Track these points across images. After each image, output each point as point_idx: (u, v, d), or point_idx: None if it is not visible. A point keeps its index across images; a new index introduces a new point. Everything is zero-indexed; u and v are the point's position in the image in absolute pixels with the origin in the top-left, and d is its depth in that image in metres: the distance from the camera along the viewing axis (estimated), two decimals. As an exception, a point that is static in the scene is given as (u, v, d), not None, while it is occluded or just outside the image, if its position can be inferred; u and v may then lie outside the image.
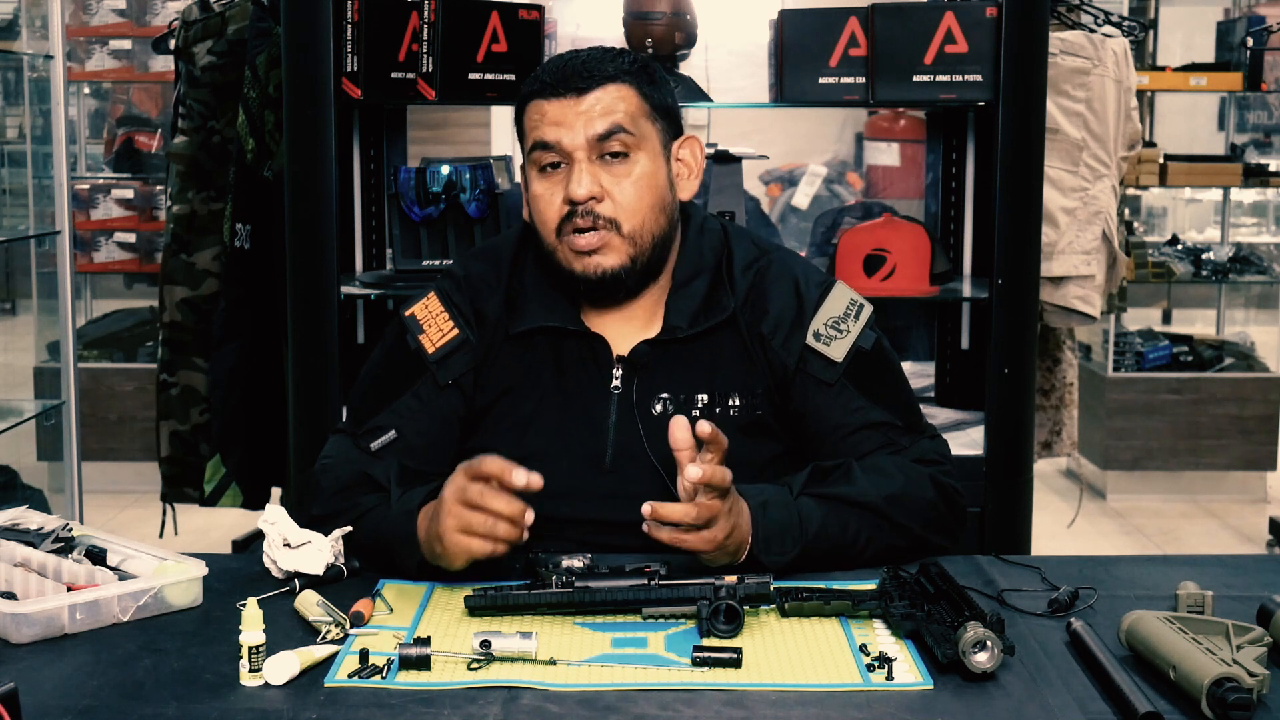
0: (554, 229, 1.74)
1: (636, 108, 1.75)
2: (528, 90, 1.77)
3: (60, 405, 3.61)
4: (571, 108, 1.72)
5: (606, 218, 1.72)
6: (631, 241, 1.74)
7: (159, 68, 5.11)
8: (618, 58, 1.77)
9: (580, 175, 1.71)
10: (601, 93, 1.73)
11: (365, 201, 3.10)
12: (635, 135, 1.74)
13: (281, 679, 1.35)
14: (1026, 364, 2.80)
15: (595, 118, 1.72)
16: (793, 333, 1.81)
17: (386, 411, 1.81)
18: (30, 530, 1.70)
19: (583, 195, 1.71)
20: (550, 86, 1.74)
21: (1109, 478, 5.31)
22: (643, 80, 1.77)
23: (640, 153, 1.74)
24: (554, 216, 1.74)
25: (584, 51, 1.78)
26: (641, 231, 1.74)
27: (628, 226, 1.73)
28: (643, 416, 1.78)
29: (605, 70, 1.74)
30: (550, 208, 1.74)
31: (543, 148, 1.74)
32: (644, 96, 1.76)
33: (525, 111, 1.77)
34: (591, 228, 1.72)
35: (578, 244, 1.73)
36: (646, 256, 1.76)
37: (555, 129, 1.73)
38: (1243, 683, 1.26)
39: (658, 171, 1.77)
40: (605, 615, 1.52)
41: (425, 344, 1.82)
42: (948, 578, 1.49)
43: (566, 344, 1.80)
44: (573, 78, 1.73)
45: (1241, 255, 5.47)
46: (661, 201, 1.77)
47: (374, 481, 1.72)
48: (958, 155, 3.12)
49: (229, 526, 4.32)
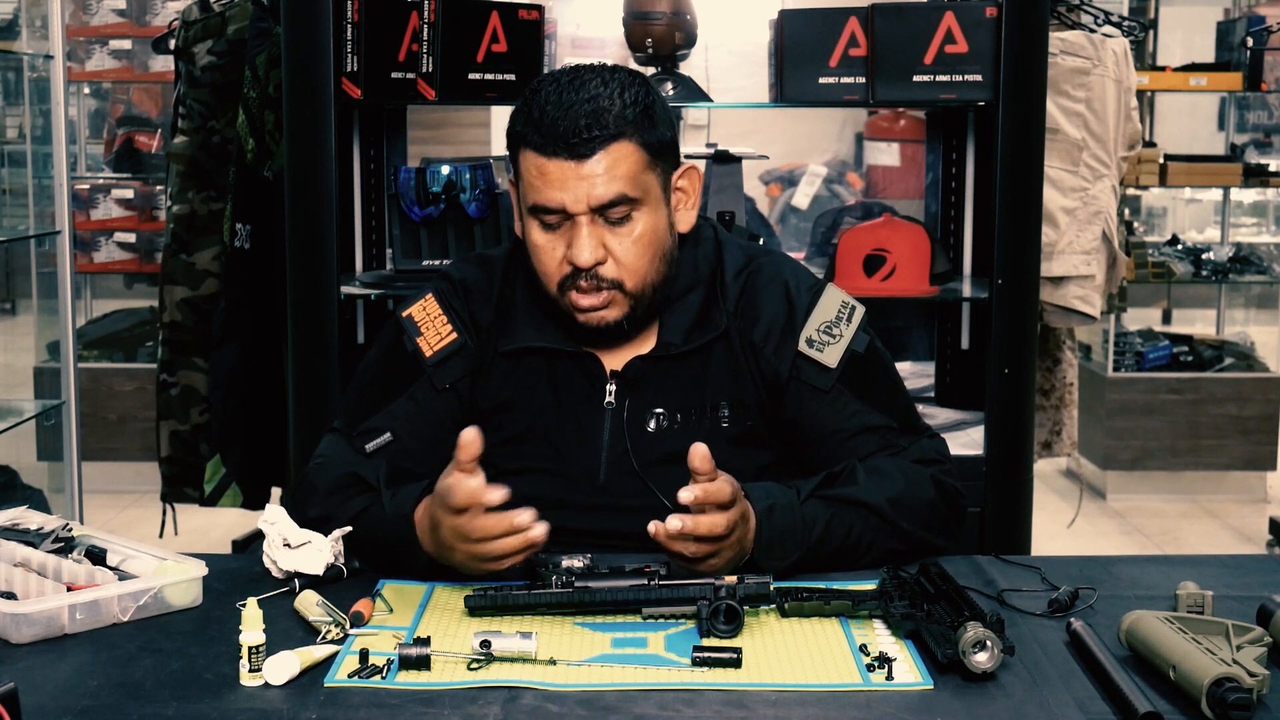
0: (556, 283, 1.73)
1: (638, 164, 1.69)
2: (523, 132, 1.69)
3: (60, 405, 3.61)
4: (573, 171, 1.67)
5: (610, 279, 1.71)
6: (634, 297, 1.73)
7: (159, 68, 5.10)
8: (616, 101, 1.68)
9: (583, 241, 1.68)
10: (603, 155, 1.66)
11: (365, 201, 3.10)
12: (638, 196, 1.69)
13: (281, 679, 1.35)
14: (1026, 364, 2.80)
15: (598, 184, 1.67)
16: (784, 340, 1.80)
17: (382, 413, 1.81)
18: (30, 530, 1.70)
19: (587, 263, 1.68)
20: (550, 145, 1.67)
21: (1109, 478, 5.31)
22: (643, 127, 1.69)
23: (642, 209, 1.71)
24: (555, 271, 1.72)
25: (581, 98, 1.67)
26: (644, 286, 1.73)
27: (630, 284, 1.72)
28: (635, 432, 1.78)
29: (606, 128, 1.66)
30: (551, 261, 1.72)
31: (543, 210, 1.69)
32: (645, 147, 1.69)
33: (521, 157, 1.71)
34: (595, 289, 1.71)
35: (581, 303, 1.72)
36: (648, 303, 1.75)
37: (557, 193, 1.67)
38: (1243, 683, 1.26)
39: (659, 222, 1.73)
40: (605, 615, 1.52)
41: (423, 346, 1.81)
42: (948, 578, 1.49)
43: (560, 362, 1.80)
44: (573, 139, 1.65)
45: (1241, 255, 5.47)
46: (663, 250, 1.74)
47: (364, 481, 1.71)
48: (958, 155, 3.12)
49: (229, 526, 4.32)
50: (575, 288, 1.71)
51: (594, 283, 1.70)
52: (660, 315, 1.79)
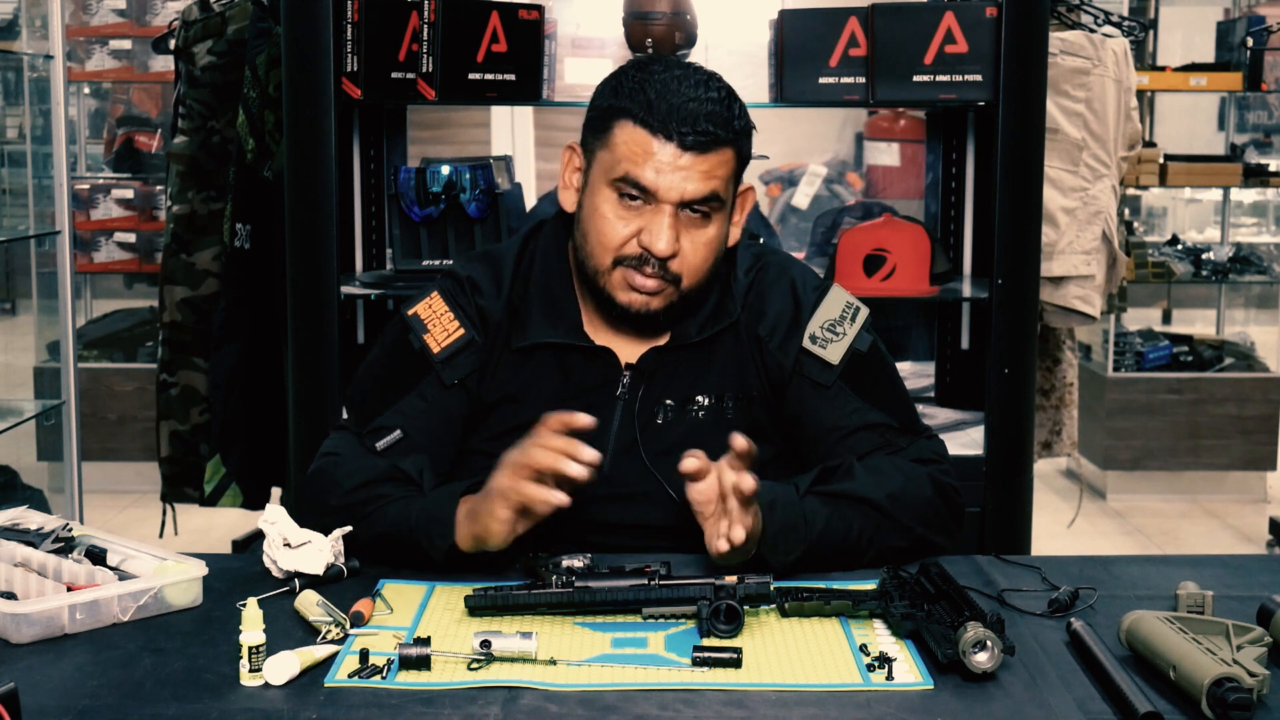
0: (612, 257, 1.73)
1: (731, 173, 1.74)
2: (629, 107, 1.70)
3: (60, 405, 3.61)
4: (677, 159, 1.68)
5: (673, 273, 1.73)
6: (684, 294, 1.76)
7: (159, 68, 5.10)
8: (734, 110, 1.72)
9: (663, 231, 1.70)
10: (712, 156, 1.69)
11: (365, 201, 3.10)
12: (723, 202, 1.73)
13: (281, 679, 1.35)
14: (1026, 364, 2.80)
15: (697, 180, 1.69)
16: (789, 335, 1.82)
17: (390, 411, 1.81)
18: (30, 530, 1.70)
19: (664, 251, 1.70)
20: (661, 124, 1.68)
21: (1109, 478, 5.31)
22: (746, 142, 1.75)
23: (719, 215, 1.74)
24: (617, 246, 1.73)
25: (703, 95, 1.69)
26: (695, 287, 1.76)
27: (687, 282, 1.75)
28: (644, 422, 1.79)
29: (725, 133, 1.70)
30: (615, 235, 1.73)
31: (633, 184, 1.70)
32: (739, 159, 1.75)
33: (617, 127, 1.71)
34: (658, 276, 1.73)
35: (637, 282, 1.73)
36: (691, 302, 1.78)
37: (654, 174, 1.69)
38: (1243, 683, 1.26)
39: (724, 231, 1.78)
40: (605, 615, 1.52)
41: (430, 343, 1.82)
42: (948, 578, 1.49)
43: (571, 355, 1.81)
44: (691, 129, 1.67)
45: (1241, 255, 5.47)
46: (719, 257, 1.78)
47: (402, 475, 1.72)
48: (958, 155, 3.12)
49: (229, 526, 4.32)
50: (636, 269, 1.73)
51: (659, 271, 1.72)
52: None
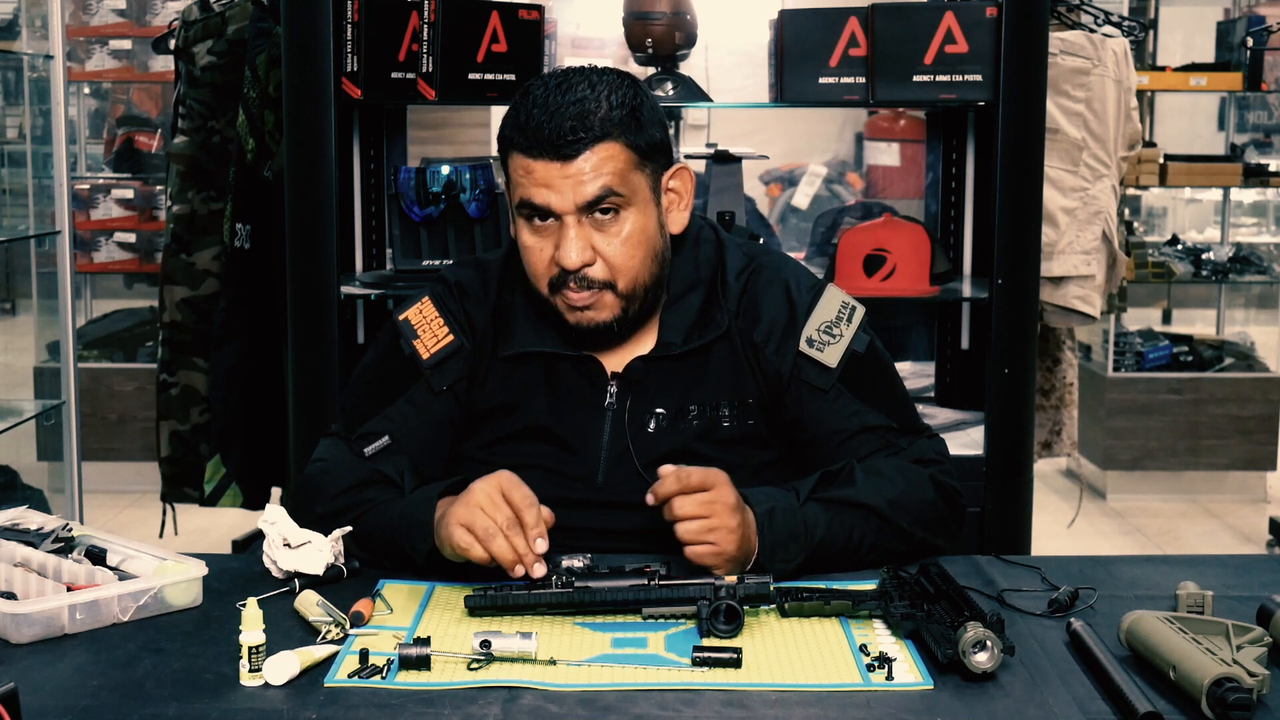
0: (546, 284, 1.73)
1: (625, 163, 1.68)
2: (511, 135, 1.69)
3: (60, 405, 3.61)
4: (558, 172, 1.66)
5: (600, 281, 1.71)
6: (624, 297, 1.73)
7: (159, 68, 5.10)
8: (603, 104, 1.67)
9: (570, 243, 1.68)
10: (590, 154, 1.66)
11: (365, 201, 3.10)
12: (625, 194, 1.69)
13: (281, 679, 1.35)
14: (1026, 364, 2.80)
15: (584, 182, 1.66)
16: (785, 339, 1.80)
17: (379, 417, 1.81)
18: (30, 530, 1.70)
19: (574, 264, 1.68)
20: (536, 147, 1.67)
21: (1109, 478, 5.31)
22: (630, 129, 1.68)
23: (630, 209, 1.70)
24: (544, 273, 1.72)
25: (568, 101, 1.66)
26: (635, 286, 1.73)
27: (621, 285, 1.72)
28: (635, 432, 1.78)
29: (592, 130, 1.65)
30: (540, 263, 1.72)
31: (530, 208, 1.69)
32: (632, 147, 1.69)
33: (510, 160, 1.71)
34: (586, 288, 1.71)
35: (571, 300, 1.72)
36: (639, 304, 1.75)
37: (543, 191, 1.67)
38: (1243, 683, 1.26)
39: (648, 222, 1.73)
40: (605, 615, 1.52)
41: (420, 349, 1.81)
42: (948, 578, 1.49)
43: (559, 364, 1.80)
44: (558, 141, 1.65)
45: (1241, 255, 5.47)
46: (653, 251, 1.74)
47: (385, 478, 1.72)
48: (958, 155, 3.12)
49: (229, 526, 4.31)
50: (565, 288, 1.71)
51: (583, 284, 1.70)
52: (660, 315, 1.79)
